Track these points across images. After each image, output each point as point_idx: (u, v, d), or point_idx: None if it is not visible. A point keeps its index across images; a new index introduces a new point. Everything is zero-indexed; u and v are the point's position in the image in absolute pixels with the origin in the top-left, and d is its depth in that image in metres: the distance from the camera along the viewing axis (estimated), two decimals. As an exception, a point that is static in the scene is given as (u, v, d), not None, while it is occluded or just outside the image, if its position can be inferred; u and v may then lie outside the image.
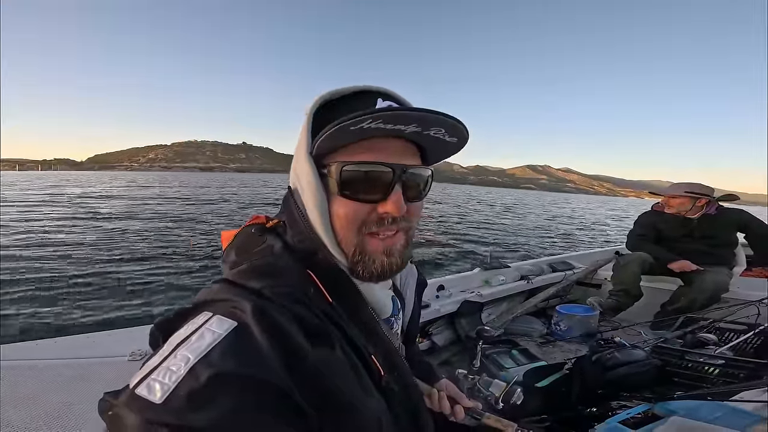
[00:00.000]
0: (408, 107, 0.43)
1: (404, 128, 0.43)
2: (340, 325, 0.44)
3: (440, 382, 0.74)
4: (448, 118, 0.43)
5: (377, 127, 0.41)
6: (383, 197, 0.46)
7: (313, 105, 0.47)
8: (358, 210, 0.46)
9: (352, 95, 0.48)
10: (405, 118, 0.41)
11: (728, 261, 2.43)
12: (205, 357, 0.32)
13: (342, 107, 0.46)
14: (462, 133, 0.46)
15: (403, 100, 0.49)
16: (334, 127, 0.41)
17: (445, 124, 0.44)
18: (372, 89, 0.48)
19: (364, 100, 0.47)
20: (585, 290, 2.84)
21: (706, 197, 2.44)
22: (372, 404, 0.43)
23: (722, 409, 0.83)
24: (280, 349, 0.35)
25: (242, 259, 0.47)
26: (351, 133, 0.42)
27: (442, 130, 0.45)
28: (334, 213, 0.47)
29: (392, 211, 0.46)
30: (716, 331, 1.65)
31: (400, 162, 0.46)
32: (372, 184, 0.45)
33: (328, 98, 0.47)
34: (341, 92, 0.47)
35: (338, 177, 0.45)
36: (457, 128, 0.45)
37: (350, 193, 0.45)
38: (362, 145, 0.45)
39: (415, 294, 0.70)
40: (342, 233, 0.47)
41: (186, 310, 0.39)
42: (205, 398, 0.30)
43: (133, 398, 0.30)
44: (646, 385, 1.31)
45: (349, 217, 0.46)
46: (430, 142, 0.48)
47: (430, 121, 0.43)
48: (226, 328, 0.34)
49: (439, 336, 1.98)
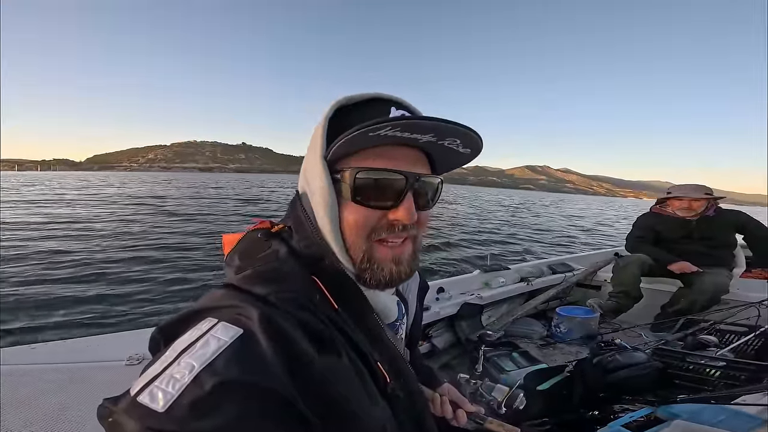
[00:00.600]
0: (426, 117, 0.43)
1: (420, 137, 0.43)
2: (345, 331, 0.43)
3: (442, 386, 0.74)
4: (465, 129, 0.43)
5: (394, 134, 0.42)
6: (395, 204, 0.46)
7: (330, 110, 0.47)
8: (369, 216, 0.46)
9: (366, 102, 0.48)
10: (422, 128, 0.42)
11: (728, 262, 2.44)
12: (210, 365, 0.31)
13: (355, 114, 0.47)
14: (476, 144, 0.47)
15: (414, 109, 0.50)
16: (354, 132, 0.42)
17: (460, 135, 0.44)
18: (385, 97, 0.49)
19: (377, 107, 0.48)
20: (585, 292, 2.84)
21: (714, 198, 2.47)
22: (377, 412, 0.42)
23: (725, 413, 0.83)
24: (286, 356, 0.34)
25: (247, 264, 0.46)
26: (368, 138, 0.42)
27: (457, 141, 0.45)
28: (344, 218, 0.47)
29: (403, 219, 0.46)
30: (717, 333, 1.65)
31: (413, 170, 0.46)
32: (384, 191, 0.46)
33: (344, 103, 0.48)
34: (355, 99, 0.48)
35: (352, 182, 0.45)
36: (473, 139, 0.46)
37: (362, 199, 0.46)
38: (375, 151, 0.45)
39: (418, 298, 0.70)
40: (351, 239, 0.47)
41: (189, 314, 0.39)
42: (209, 406, 0.29)
43: (134, 405, 0.30)
44: (647, 388, 1.31)
45: (359, 223, 0.46)
46: (443, 152, 0.48)
47: (446, 131, 0.43)
48: (232, 335, 0.34)
49: (439, 339, 1.97)
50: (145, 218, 11.78)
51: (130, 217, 11.82)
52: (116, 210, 13.82)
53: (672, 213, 2.56)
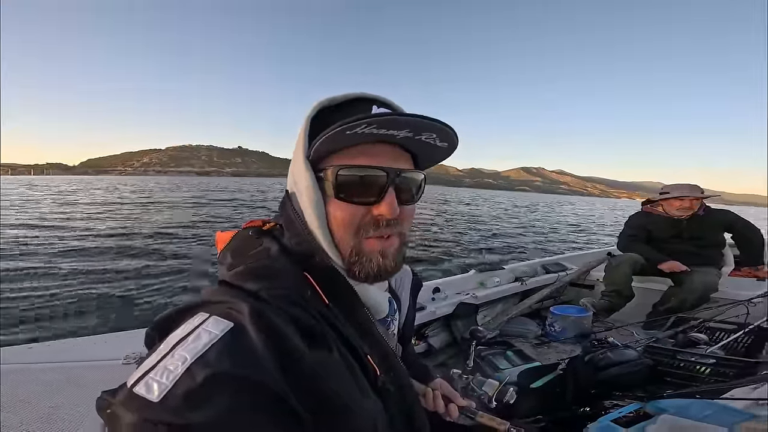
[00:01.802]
0: (400, 113, 0.45)
1: (397, 133, 0.44)
2: (336, 326, 0.44)
3: (434, 381, 0.75)
4: (439, 124, 0.45)
5: (371, 132, 0.43)
6: (377, 200, 0.47)
7: (311, 111, 0.49)
8: (354, 212, 0.47)
9: (349, 102, 0.49)
10: (397, 124, 0.43)
11: (716, 261, 2.47)
12: (202, 357, 0.32)
13: (338, 114, 0.48)
14: (452, 139, 0.48)
15: (397, 107, 0.51)
16: (331, 131, 0.43)
17: (436, 130, 0.45)
18: (368, 97, 0.50)
19: (360, 107, 0.48)
20: (578, 291, 2.87)
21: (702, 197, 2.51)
22: (368, 405, 0.43)
23: (712, 407, 0.84)
24: (276, 350, 0.35)
25: (238, 261, 0.47)
26: (346, 137, 0.43)
27: (434, 135, 0.46)
28: (331, 215, 0.48)
29: (386, 213, 0.47)
30: (707, 331, 1.67)
31: (394, 166, 0.47)
32: (366, 187, 0.47)
33: (326, 104, 0.49)
34: (338, 99, 0.49)
35: (334, 180, 0.46)
36: (448, 133, 0.47)
37: (345, 196, 0.47)
38: (357, 149, 0.46)
39: (411, 295, 0.71)
40: (339, 235, 0.48)
41: (183, 310, 0.40)
42: (202, 397, 0.30)
43: (131, 397, 0.31)
44: (638, 385, 1.32)
45: (345, 220, 0.47)
46: (422, 147, 0.49)
47: (422, 126, 0.44)
48: (222, 328, 0.35)
49: (435, 338, 1.98)
50: (152, 218, 11.68)
51: (128, 217, 11.71)
52: (119, 210, 13.69)
53: (662, 212, 2.59)
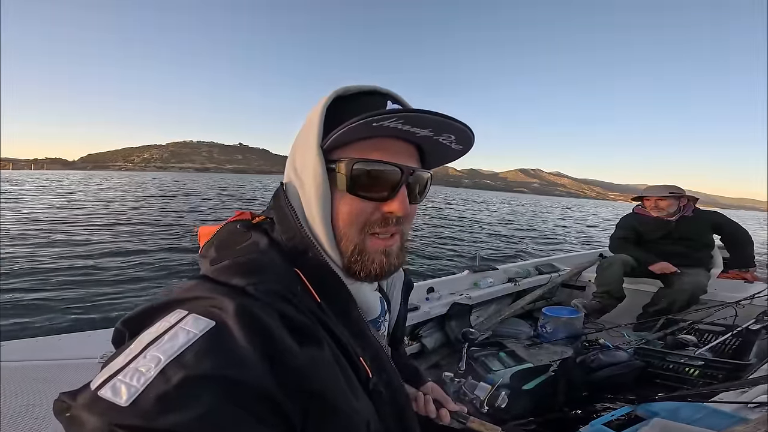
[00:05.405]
0: (430, 111, 0.43)
1: (419, 131, 0.43)
2: (327, 325, 0.42)
3: (426, 385, 0.73)
4: (463, 126, 0.44)
5: (395, 126, 0.42)
6: (389, 197, 0.46)
7: (328, 98, 0.47)
8: (364, 208, 0.46)
9: (361, 94, 0.48)
10: (424, 122, 0.42)
11: (705, 263, 2.50)
12: (178, 358, 0.30)
13: (351, 105, 0.46)
14: (469, 141, 0.48)
15: (407, 104, 0.50)
16: (358, 121, 0.41)
17: (457, 131, 0.45)
18: (382, 91, 0.49)
19: (372, 100, 0.47)
20: (570, 292, 2.88)
21: (685, 197, 2.53)
22: (360, 406, 0.41)
23: (703, 411, 0.85)
24: (264, 349, 0.33)
25: (224, 256, 0.44)
26: (370, 129, 0.42)
27: (452, 137, 0.46)
28: (337, 209, 0.46)
29: (397, 211, 0.46)
30: (696, 333, 1.69)
31: (407, 164, 0.47)
32: (380, 183, 0.46)
33: (341, 93, 0.47)
34: (352, 90, 0.48)
35: (349, 173, 0.45)
36: (467, 136, 0.46)
37: (358, 190, 0.45)
38: (371, 143, 0.45)
39: (402, 296, 0.70)
40: (344, 230, 0.47)
41: (157, 306, 0.37)
42: (177, 401, 0.28)
43: (95, 400, 0.28)
44: (629, 386, 1.33)
45: (353, 215, 0.46)
46: (435, 147, 0.48)
47: (444, 127, 0.44)
48: (202, 328, 0.32)
49: (429, 338, 1.97)
50: (132, 214, 11.51)
51: (111, 213, 11.53)
52: (99, 206, 13.46)
53: (651, 214, 2.62)
